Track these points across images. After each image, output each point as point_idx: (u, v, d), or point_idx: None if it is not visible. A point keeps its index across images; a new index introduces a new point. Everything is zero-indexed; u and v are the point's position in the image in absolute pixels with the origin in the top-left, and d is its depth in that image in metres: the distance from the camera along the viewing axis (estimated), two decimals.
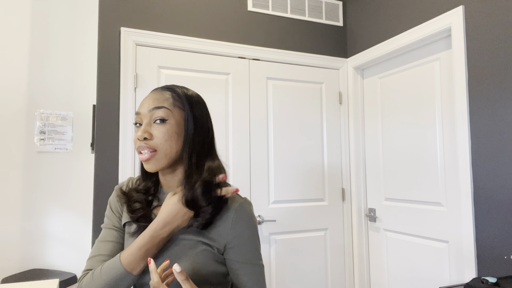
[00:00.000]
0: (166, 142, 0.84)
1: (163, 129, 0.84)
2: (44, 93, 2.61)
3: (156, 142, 0.84)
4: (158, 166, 0.85)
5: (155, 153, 0.84)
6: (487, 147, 1.63)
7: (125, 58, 1.96)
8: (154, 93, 0.89)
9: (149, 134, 0.84)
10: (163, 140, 0.84)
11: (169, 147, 0.85)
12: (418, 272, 2.05)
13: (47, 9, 2.65)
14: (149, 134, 0.84)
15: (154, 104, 0.86)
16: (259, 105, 2.27)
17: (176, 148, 0.86)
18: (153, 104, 0.86)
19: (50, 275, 2.31)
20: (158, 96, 0.88)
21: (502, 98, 1.58)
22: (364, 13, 2.40)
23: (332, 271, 2.39)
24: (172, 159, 0.86)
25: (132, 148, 1.95)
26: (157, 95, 0.88)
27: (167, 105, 0.86)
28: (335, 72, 2.52)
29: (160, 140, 0.84)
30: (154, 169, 0.85)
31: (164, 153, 0.85)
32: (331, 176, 2.44)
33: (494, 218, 1.60)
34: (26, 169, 2.53)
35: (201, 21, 2.16)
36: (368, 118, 2.45)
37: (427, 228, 2.00)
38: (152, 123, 0.85)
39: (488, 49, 1.65)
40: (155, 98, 0.87)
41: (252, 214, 0.90)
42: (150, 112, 0.85)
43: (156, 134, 0.84)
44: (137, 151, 0.86)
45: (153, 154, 0.84)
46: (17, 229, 2.48)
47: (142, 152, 0.85)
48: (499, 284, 1.34)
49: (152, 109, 0.85)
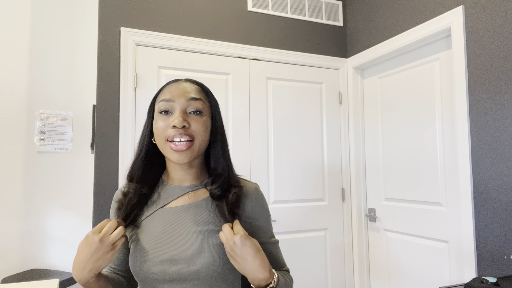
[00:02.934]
0: (203, 133, 0.84)
1: (200, 120, 0.83)
2: (44, 93, 2.61)
3: (195, 131, 0.82)
4: (191, 158, 0.83)
5: (191, 143, 0.82)
6: (487, 147, 1.63)
7: (125, 58, 1.96)
8: (182, 83, 0.87)
9: (188, 123, 0.82)
10: (201, 130, 0.83)
11: (204, 139, 0.84)
12: (418, 272, 2.05)
13: (47, 9, 2.65)
14: (188, 122, 0.82)
15: (190, 94, 0.84)
16: (259, 105, 2.27)
17: (206, 141, 0.86)
18: (189, 94, 0.84)
19: (50, 275, 2.31)
20: (189, 87, 0.86)
21: (502, 98, 1.58)
22: (364, 13, 2.40)
23: (332, 271, 2.39)
24: (201, 152, 0.86)
25: (132, 148, 1.94)
26: (188, 86, 0.86)
27: (202, 98, 0.86)
28: (335, 72, 2.52)
29: (198, 129, 0.83)
30: (187, 160, 0.82)
31: (199, 144, 0.83)
32: (331, 176, 2.44)
33: (494, 218, 1.60)
34: (26, 169, 2.53)
35: (201, 21, 2.16)
36: (368, 118, 2.45)
37: (427, 228, 2.00)
38: (188, 113, 0.83)
39: (488, 49, 1.65)
40: (189, 88, 0.85)
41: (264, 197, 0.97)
42: (188, 101, 0.83)
43: (194, 124, 0.83)
44: (167, 140, 0.82)
45: (190, 144, 0.81)
46: (17, 229, 2.48)
47: (176, 142, 0.81)
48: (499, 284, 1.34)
49: (190, 99, 0.83)
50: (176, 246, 0.83)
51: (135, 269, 0.84)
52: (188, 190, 0.90)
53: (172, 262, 0.82)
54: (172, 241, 0.84)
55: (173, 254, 0.83)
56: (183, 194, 0.90)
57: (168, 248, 0.83)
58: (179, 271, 0.81)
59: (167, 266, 0.82)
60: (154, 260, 0.83)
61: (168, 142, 0.82)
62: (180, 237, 0.84)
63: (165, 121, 0.83)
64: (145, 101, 2.00)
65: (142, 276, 0.84)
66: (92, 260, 0.75)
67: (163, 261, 0.82)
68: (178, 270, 0.81)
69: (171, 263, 0.82)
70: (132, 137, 1.95)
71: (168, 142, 0.82)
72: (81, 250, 0.76)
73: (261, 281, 0.78)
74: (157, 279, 0.83)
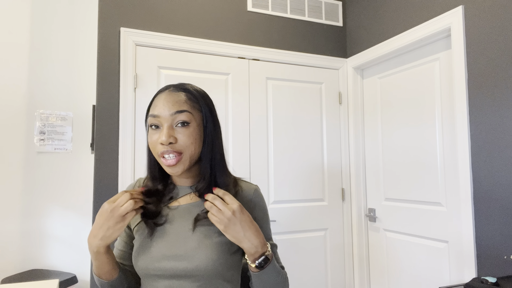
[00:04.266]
0: (191, 145, 0.86)
1: (187, 132, 0.85)
2: (44, 93, 2.61)
3: (182, 145, 0.85)
4: (183, 169, 0.86)
5: (180, 156, 0.85)
6: (487, 147, 1.63)
7: (124, 58, 1.96)
8: (169, 94, 0.88)
9: (174, 138, 0.84)
10: (188, 143, 0.85)
11: (193, 149, 0.86)
12: (418, 272, 2.05)
13: (47, 9, 2.65)
14: (174, 138, 0.84)
15: (175, 107, 0.85)
16: (259, 105, 2.27)
17: (198, 149, 0.88)
18: (174, 108, 0.85)
19: (50, 276, 2.31)
20: (175, 97, 0.87)
21: (502, 97, 1.58)
22: (364, 13, 2.40)
23: (332, 271, 2.39)
24: (194, 160, 0.89)
25: (132, 148, 1.94)
26: (174, 97, 0.87)
27: (188, 108, 0.87)
28: (335, 72, 2.52)
29: (185, 143, 0.85)
30: (180, 172, 0.86)
31: (189, 156, 0.86)
32: (331, 176, 2.44)
33: (494, 218, 1.60)
34: (26, 169, 2.53)
35: (201, 21, 2.16)
36: (368, 118, 2.45)
37: (427, 228, 2.00)
38: (174, 127, 0.85)
39: (487, 49, 1.65)
40: (174, 100, 0.86)
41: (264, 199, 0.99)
42: (172, 116, 0.85)
43: (180, 137, 0.85)
44: (159, 156, 0.86)
45: (178, 158, 0.84)
46: (17, 229, 2.48)
47: (166, 157, 0.84)
48: (499, 284, 1.34)
49: (174, 113, 0.85)
50: (177, 243, 0.86)
51: (136, 264, 0.87)
52: (189, 191, 0.94)
53: (172, 259, 0.85)
54: (173, 238, 0.87)
55: (173, 251, 0.85)
56: (186, 194, 0.94)
57: (169, 245, 0.86)
58: (179, 267, 0.84)
59: (167, 262, 0.84)
60: (154, 256, 0.85)
61: (160, 157, 0.86)
62: (180, 235, 0.87)
63: (155, 136, 0.86)
64: (145, 101, 2.00)
65: (143, 271, 0.86)
66: (103, 228, 0.81)
67: (164, 257, 0.85)
68: (178, 266, 0.84)
69: (171, 259, 0.85)
70: (132, 137, 1.95)
71: (160, 157, 0.86)
72: (97, 219, 0.82)
73: (258, 246, 0.83)
74: (157, 275, 0.85)
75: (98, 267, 0.87)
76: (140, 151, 1.97)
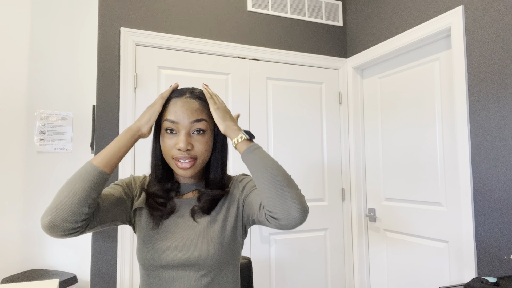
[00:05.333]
0: (206, 152, 0.93)
1: (203, 139, 0.92)
2: (44, 93, 2.61)
3: (198, 152, 0.91)
4: (195, 172, 0.93)
5: (195, 161, 0.91)
6: (487, 147, 1.63)
7: (125, 58, 1.96)
8: (187, 102, 0.93)
9: (191, 145, 0.91)
10: (203, 150, 0.92)
11: (207, 156, 0.94)
12: (418, 272, 2.05)
13: (47, 9, 2.65)
14: (191, 145, 0.91)
15: (194, 116, 0.91)
16: (259, 105, 2.27)
17: (209, 154, 0.95)
18: (192, 116, 0.91)
19: (50, 275, 2.31)
20: (193, 106, 0.93)
21: (502, 98, 1.58)
22: (364, 13, 2.40)
23: (332, 271, 2.39)
24: (204, 164, 0.95)
25: (132, 148, 1.94)
26: (192, 105, 0.93)
27: (205, 117, 0.93)
28: (335, 72, 2.52)
29: (201, 150, 0.92)
30: (191, 174, 0.92)
31: (202, 161, 0.93)
32: (331, 176, 2.44)
33: (494, 218, 1.60)
34: (26, 169, 2.53)
35: (201, 21, 2.16)
36: (368, 118, 2.45)
37: (427, 228, 2.00)
38: (191, 134, 0.92)
39: (488, 49, 1.65)
40: (192, 109, 0.92)
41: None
42: (191, 124, 0.91)
43: (197, 145, 0.91)
44: (174, 159, 0.91)
45: (193, 162, 0.91)
46: (17, 229, 2.48)
47: (181, 161, 0.90)
48: (499, 284, 1.34)
49: (193, 122, 0.91)
50: (180, 234, 0.91)
51: (142, 257, 0.91)
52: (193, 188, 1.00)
53: (176, 249, 0.89)
54: (177, 230, 0.92)
55: (177, 242, 0.90)
56: (190, 191, 1.00)
57: (173, 237, 0.91)
58: (184, 257, 0.89)
59: (171, 253, 0.89)
60: (159, 248, 0.90)
61: (174, 159, 0.91)
62: (184, 226, 0.93)
63: (171, 140, 0.91)
64: (145, 101, 2.00)
65: (148, 263, 0.90)
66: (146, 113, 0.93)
67: (168, 248, 0.90)
68: (182, 256, 0.89)
69: (175, 250, 0.89)
70: None
71: (174, 160, 0.91)
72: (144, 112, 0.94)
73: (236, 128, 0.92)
74: (162, 265, 0.89)
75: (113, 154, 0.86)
76: (140, 151, 1.97)
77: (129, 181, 1.00)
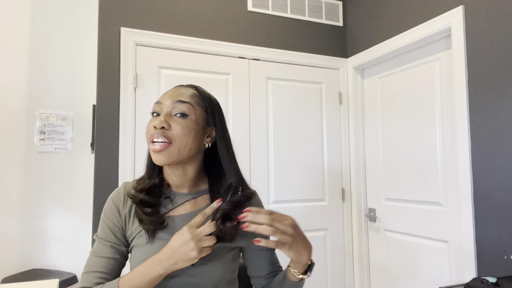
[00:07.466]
0: (183, 136, 0.83)
1: (183, 122, 0.83)
2: (44, 93, 2.61)
3: (174, 133, 0.82)
4: (168, 160, 0.82)
5: (169, 145, 0.82)
6: (487, 147, 1.63)
7: (125, 58, 1.96)
8: (178, 88, 0.89)
9: (167, 124, 0.82)
10: (180, 133, 0.82)
11: (184, 142, 0.83)
12: (418, 272, 2.05)
13: (47, 9, 2.65)
14: (167, 124, 0.82)
15: (178, 97, 0.85)
16: (259, 105, 2.27)
17: (190, 145, 0.84)
18: (177, 97, 0.85)
19: (50, 275, 2.31)
20: (183, 91, 0.88)
21: (502, 98, 1.58)
22: (364, 13, 2.40)
23: (332, 271, 2.39)
24: (184, 156, 0.84)
25: (132, 148, 1.94)
26: (182, 90, 0.88)
27: (191, 101, 0.86)
28: (335, 72, 2.52)
29: (178, 132, 0.82)
30: (163, 162, 0.82)
31: (178, 147, 0.82)
32: (331, 176, 2.44)
33: (494, 218, 1.60)
34: (26, 169, 2.53)
35: (201, 21, 2.16)
36: (368, 118, 2.45)
37: (427, 228, 2.00)
38: (173, 115, 0.84)
39: (488, 49, 1.65)
40: (180, 92, 0.87)
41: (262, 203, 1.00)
42: (174, 104, 0.84)
43: (174, 126, 0.83)
44: (149, 141, 0.83)
45: (166, 145, 0.81)
46: (17, 229, 2.48)
47: (155, 142, 0.82)
48: (499, 284, 1.34)
49: (176, 102, 0.84)
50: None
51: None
52: (188, 198, 0.91)
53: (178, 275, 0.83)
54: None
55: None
56: (185, 202, 0.90)
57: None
58: (186, 281, 0.83)
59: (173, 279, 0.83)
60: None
61: (150, 142, 0.83)
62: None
63: (152, 122, 0.84)
64: (145, 101, 2.00)
65: None
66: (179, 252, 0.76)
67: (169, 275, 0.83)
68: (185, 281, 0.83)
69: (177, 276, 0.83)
70: (132, 137, 1.95)
71: (150, 142, 0.83)
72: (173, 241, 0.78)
73: (310, 252, 0.81)
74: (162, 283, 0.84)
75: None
76: (140, 151, 1.97)
77: (111, 211, 0.89)
